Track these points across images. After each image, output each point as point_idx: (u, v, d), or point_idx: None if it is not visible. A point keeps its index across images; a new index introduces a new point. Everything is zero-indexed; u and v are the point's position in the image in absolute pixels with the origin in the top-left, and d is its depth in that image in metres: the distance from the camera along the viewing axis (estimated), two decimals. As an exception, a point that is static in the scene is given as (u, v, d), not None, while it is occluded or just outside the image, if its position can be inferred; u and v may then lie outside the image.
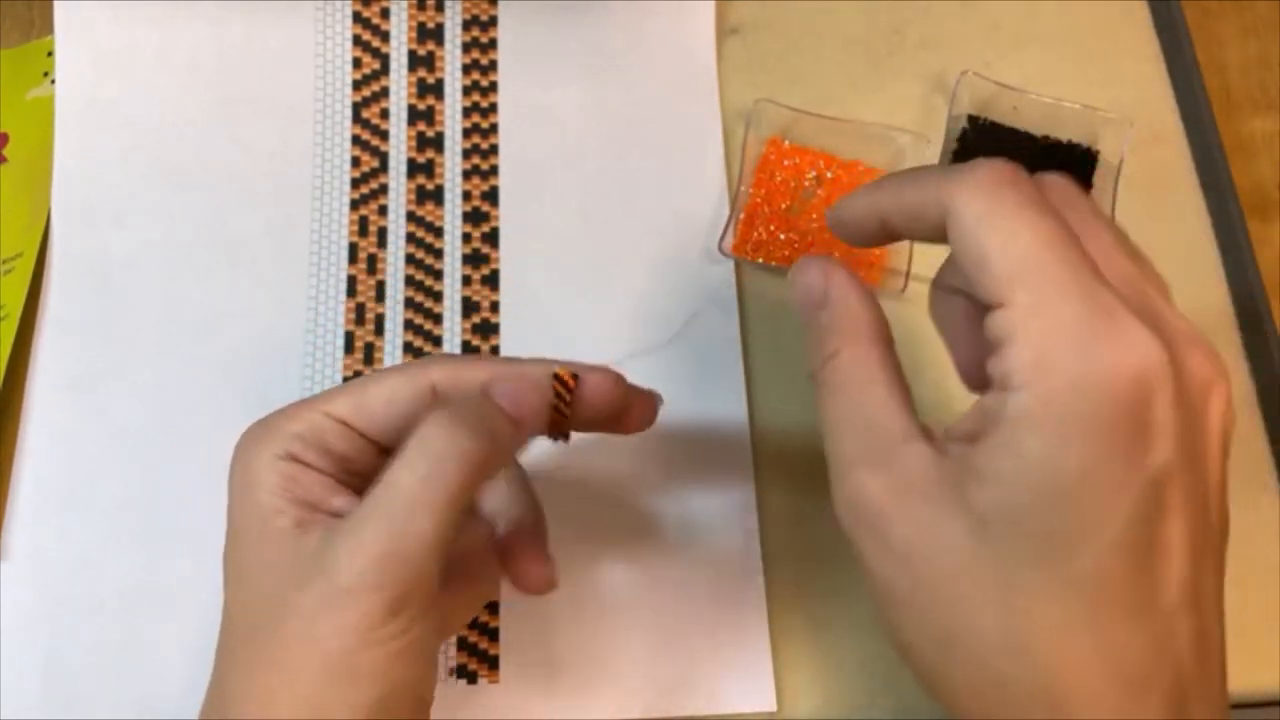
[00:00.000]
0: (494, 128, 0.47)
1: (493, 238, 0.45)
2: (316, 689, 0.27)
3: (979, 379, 0.28)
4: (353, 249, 0.45)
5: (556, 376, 0.32)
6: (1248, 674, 0.40)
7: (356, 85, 0.47)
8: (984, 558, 0.24)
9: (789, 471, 0.42)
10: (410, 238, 0.45)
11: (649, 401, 0.34)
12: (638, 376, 0.34)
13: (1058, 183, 0.27)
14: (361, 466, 0.31)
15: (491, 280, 0.45)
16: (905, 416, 0.26)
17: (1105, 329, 0.23)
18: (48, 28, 0.46)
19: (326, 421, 0.30)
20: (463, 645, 0.39)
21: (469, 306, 0.44)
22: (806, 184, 0.47)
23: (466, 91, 0.47)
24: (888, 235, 0.29)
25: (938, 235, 0.27)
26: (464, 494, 0.28)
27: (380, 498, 0.28)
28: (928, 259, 0.45)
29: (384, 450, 0.31)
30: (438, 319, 0.44)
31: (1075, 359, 0.23)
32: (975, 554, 0.24)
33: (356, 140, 0.46)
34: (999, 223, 0.25)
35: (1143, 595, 0.23)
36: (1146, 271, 0.27)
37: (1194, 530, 0.24)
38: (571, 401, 0.32)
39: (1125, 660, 0.23)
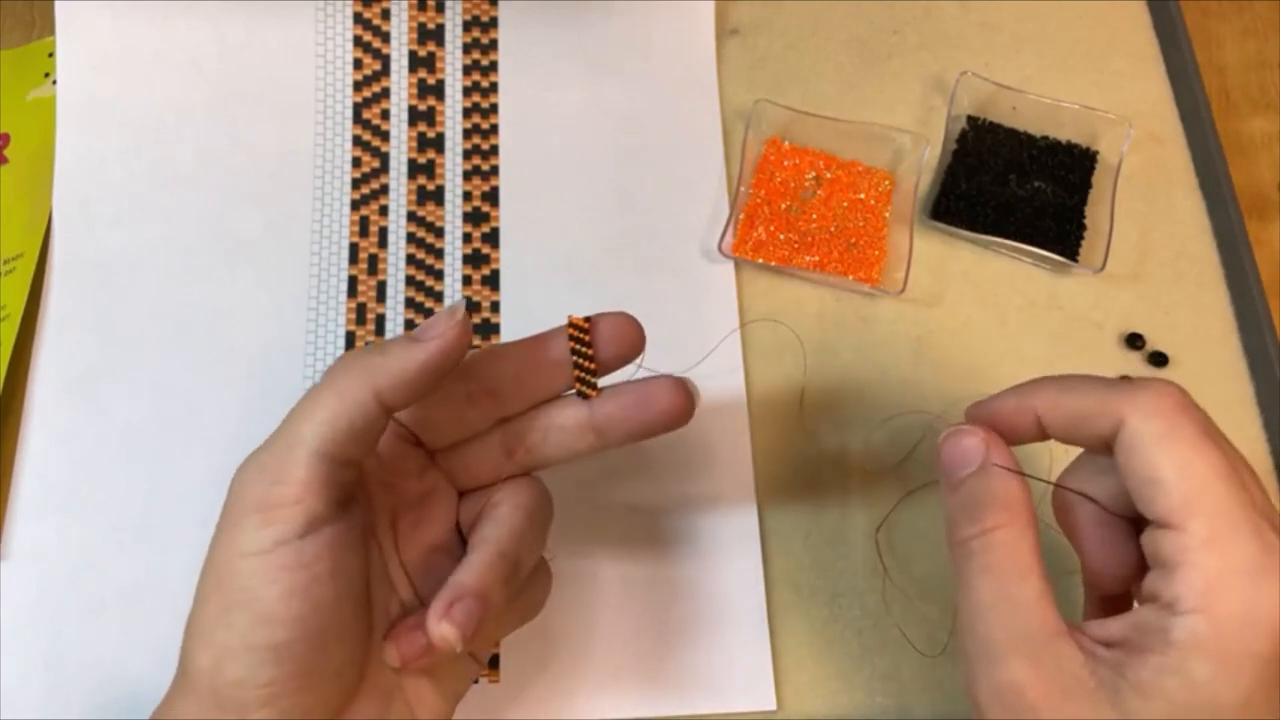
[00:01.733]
0: (494, 128, 0.47)
1: (493, 238, 0.45)
2: (214, 612, 0.28)
3: (1110, 579, 0.30)
4: (353, 249, 0.45)
5: (570, 323, 0.32)
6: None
7: (357, 86, 0.47)
8: None
9: (789, 471, 0.42)
10: (411, 238, 0.45)
11: (677, 385, 0.33)
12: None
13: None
14: None
15: (492, 280, 0.45)
16: (1055, 611, 0.28)
17: (1271, 567, 0.26)
18: (48, 28, 0.46)
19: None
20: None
21: (469, 306, 0.44)
22: (806, 184, 0.47)
23: (467, 92, 0.47)
24: (1038, 434, 0.31)
25: (1097, 444, 0.29)
26: (346, 404, 0.29)
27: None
28: (928, 261, 0.46)
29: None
30: (438, 319, 0.44)
31: (1246, 595, 0.25)
32: None
33: (357, 141, 0.46)
34: (1176, 447, 0.27)
35: None
36: (1266, 495, 0.29)
37: None
38: (591, 342, 0.32)
39: None
